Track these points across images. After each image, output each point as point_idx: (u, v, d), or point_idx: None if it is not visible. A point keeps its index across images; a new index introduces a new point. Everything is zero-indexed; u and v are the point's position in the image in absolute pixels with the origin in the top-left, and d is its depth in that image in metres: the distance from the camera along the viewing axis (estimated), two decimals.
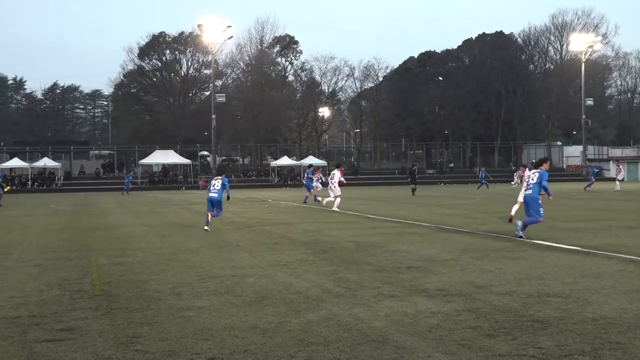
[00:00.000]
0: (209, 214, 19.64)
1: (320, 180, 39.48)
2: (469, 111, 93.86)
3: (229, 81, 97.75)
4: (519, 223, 15.84)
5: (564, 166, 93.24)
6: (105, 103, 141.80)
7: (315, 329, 7.15)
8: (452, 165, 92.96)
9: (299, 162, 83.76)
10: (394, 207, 30.26)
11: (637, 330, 6.86)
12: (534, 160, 77.65)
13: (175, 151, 79.91)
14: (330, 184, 29.65)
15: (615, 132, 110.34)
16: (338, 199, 28.88)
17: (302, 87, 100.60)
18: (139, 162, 78.01)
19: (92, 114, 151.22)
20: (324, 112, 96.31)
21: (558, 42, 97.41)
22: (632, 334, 6.74)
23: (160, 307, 8.49)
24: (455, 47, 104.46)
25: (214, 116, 74.65)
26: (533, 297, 8.64)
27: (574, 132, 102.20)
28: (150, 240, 16.92)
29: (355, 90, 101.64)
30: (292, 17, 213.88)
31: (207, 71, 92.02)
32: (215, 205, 19.76)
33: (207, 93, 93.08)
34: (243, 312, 8.09)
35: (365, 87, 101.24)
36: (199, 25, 76.87)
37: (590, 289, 9.17)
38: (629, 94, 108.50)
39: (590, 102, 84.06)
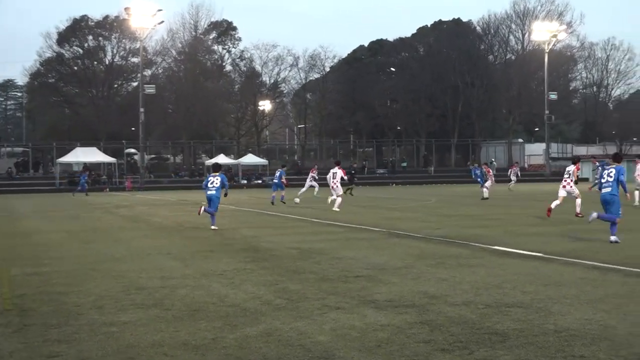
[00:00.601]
0: (212, 213, 21.29)
1: (315, 179, 40.32)
2: (423, 105, 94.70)
3: (160, 71, 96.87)
4: (594, 214, 15.99)
5: (526, 165, 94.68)
6: (19, 94, 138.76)
7: (253, 345, 7.14)
8: (404, 164, 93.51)
9: (236, 160, 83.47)
10: (341, 209, 30.35)
11: (602, 343, 7.00)
12: (493, 160, 77.81)
13: (99, 148, 78.79)
14: (332, 184, 30.78)
15: (580, 129, 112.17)
16: (339, 199, 30.32)
17: (241, 77, 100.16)
18: (57, 160, 76.62)
19: (3, 106, 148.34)
20: (265, 105, 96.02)
21: (520, 30, 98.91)
22: (597, 346, 6.87)
23: (80, 322, 8.38)
24: (409, 35, 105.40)
25: (142, 109, 73.81)
26: (491, 308, 8.76)
27: (536, 129, 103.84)
28: (70, 248, 16.68)
29: (300, 81, 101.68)
30: (230, 1, 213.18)
31: (134, 59, 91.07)
32: (212, 201, 21.33)
33: (135, 84, 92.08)
34: (173, 327, 8.03)
35: (311, 78, 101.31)
36: (125, 9, 75.97)
37: (553, 298, 9.33)
38: (594, 87, 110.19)
39: (553, 95, 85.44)
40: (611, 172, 16.06)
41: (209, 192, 21.30)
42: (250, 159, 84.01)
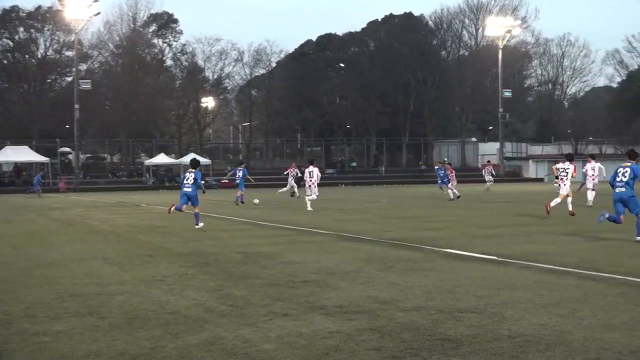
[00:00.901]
0: (180, 206, 22.19)
1: (295, 177, 40.96)
2: (373, 102, 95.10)
3: (96, 65, 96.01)
4: (607, 214, 16.54)
5: (479, 165, 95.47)
6: None
7: (195, 354, 7.09)
8: (354, 164, 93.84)
9: (178, 160, 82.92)
10: (288, 212, 30.36)
11: (557, 348, 7.08)
12: (445, 159, 78.53)
13: (30, 147, 77.80)
14: (309, 183, 31.57)
15: (535, 128, 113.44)
16: (312, 197, 31.10)
17: (183, 73, 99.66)
18: None
19: None
20: (208, 102, 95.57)
21: (473, 25, 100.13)
22: (551, 352, 6.95)
23: (10, 332, 8.25)
24: (359, 29, 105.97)
25: (77, 106, 73.08)
26: (444, 313, 8.82)
27: (490, 127, 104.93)
28: None
29: (245, 77, 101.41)
30: None
31: (69, 53, 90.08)
32: (191, 199, 22.11)
33: (69, 79, 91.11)
34: (110, 336, 7.94)
35: (256, 74, 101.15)
36: None
37: (507, 302, 9.42)
38: (550, 84, 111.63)
39: (508, 93, 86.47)
40: (626, 171, 16.37)
41: (184, 189, 22.02)
42: (193, 157, 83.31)
